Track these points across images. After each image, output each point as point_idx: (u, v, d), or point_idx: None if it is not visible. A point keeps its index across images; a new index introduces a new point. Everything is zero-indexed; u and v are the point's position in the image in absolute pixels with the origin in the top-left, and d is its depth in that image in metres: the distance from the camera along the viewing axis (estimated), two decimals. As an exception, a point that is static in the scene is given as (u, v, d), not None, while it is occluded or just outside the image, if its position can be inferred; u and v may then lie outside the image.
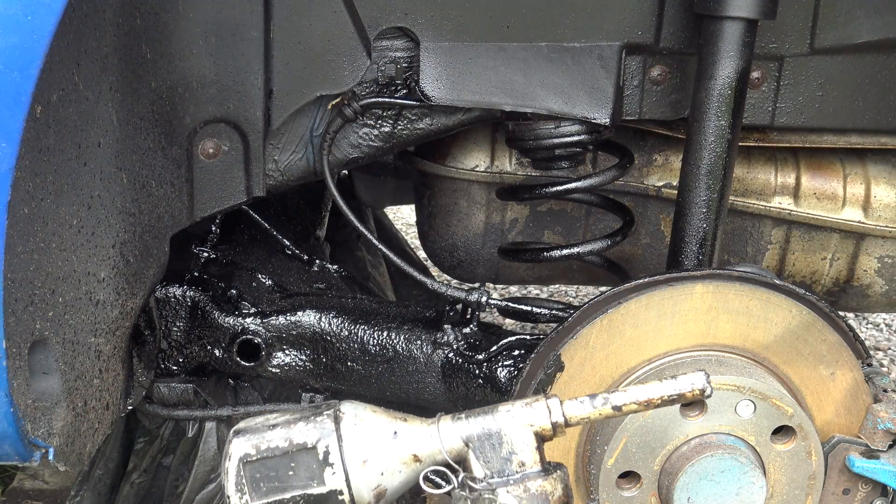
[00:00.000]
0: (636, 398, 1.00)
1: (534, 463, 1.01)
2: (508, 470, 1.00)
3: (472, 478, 1.00)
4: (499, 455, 1.01)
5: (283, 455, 1.03)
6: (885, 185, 1.67)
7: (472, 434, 1.02)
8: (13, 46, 0.98)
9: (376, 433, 1.04)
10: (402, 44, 1.45)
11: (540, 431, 1.01)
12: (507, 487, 0.99)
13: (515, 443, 1.01)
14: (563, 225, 1.75)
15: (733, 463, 1.24)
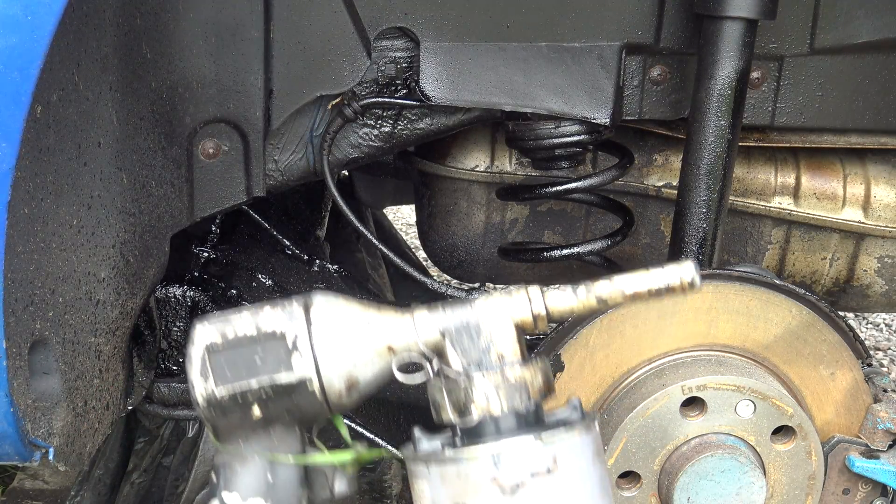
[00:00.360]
0: (622, 289, 0.96)
1: (513, 354, 0.95)
2: (486, 361, 0.95)
3: (446, 366, 0.96)
4: (477, 346, 0.95)
5: (250, 342, 0.96)
6: (885, 185, 1.67)
7: (449, 325, 0.96)
8: (13, 46, 0.98)
9: (349, 322, 0.97)
10: (402, 44, 1.45)
11: (520, 323, 0.96)
12: (483, 373, 0.94)
13: (494, 334, 0.95)
14: (563, 225, 1.75)
15: (733, 463, 1.24)
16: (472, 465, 0.92)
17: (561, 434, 0.92)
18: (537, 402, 0.96)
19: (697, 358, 1.30)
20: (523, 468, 0.91)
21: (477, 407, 0.93)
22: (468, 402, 0.94)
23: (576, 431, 0.93)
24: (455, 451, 0.94)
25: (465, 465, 0.92)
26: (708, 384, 1.25)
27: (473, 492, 0.91)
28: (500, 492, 0.91)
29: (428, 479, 0.95)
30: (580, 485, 0.93)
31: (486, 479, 0.91)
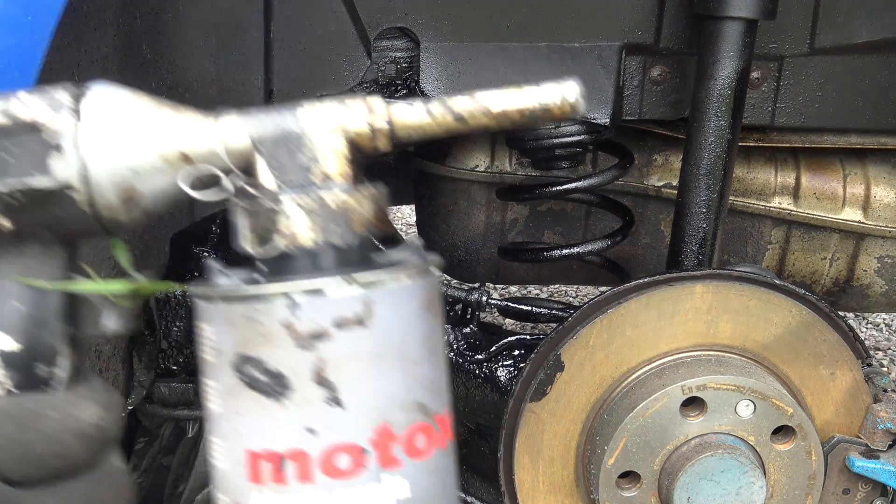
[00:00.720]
0: (487, 106, 0.77)
1: (341, 176, 0.76)
2: (305, 181, 0.76)
3: (254, 184, 0.77)
4: (296, 162, 0.76)
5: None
6: (885, 185, 1.67)
7: (264, 134, 0.79)
8: (13, 46, 0.98)
9: (132, 119, 0.79)
10: (402, 44, 1.45)
11: (354, 137, 0.77)
12: (294, 195, 0.75)
13: (319, 148, 0.76)
14: (563, 225, 1.75)
15: (733, 463, 1.24)
16: (262, 305, 0.73)
17: (381, 276, 0.73)
18: (362, 237, 0.76)
19: (697, 358, 1.30)
20: (326, 315, 0.72)
21: (281, 235, 0.75)
22: (271, 229, 0.75)
23: (402, 275, 0.74)
24: (245, 288, 0.75)
25: (254, 305, 0.73)
26: (708, 384, 1.25)
27: (261, 340, 0.72)
28: (294, 342, 0.72)
29: (212, 321, 0.76)
30: (400, 342, 0.74)
31: (277, 324, 0.72)
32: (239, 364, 0.73)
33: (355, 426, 0.72)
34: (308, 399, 0.72)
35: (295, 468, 0.73)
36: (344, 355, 0.72)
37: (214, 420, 0.77)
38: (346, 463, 0.72)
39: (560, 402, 1.31)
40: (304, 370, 0.71)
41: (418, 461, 0.75)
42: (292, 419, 0.72)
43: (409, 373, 0.75)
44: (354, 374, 0.72)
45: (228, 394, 0.74)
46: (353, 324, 0.72)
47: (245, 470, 0.74)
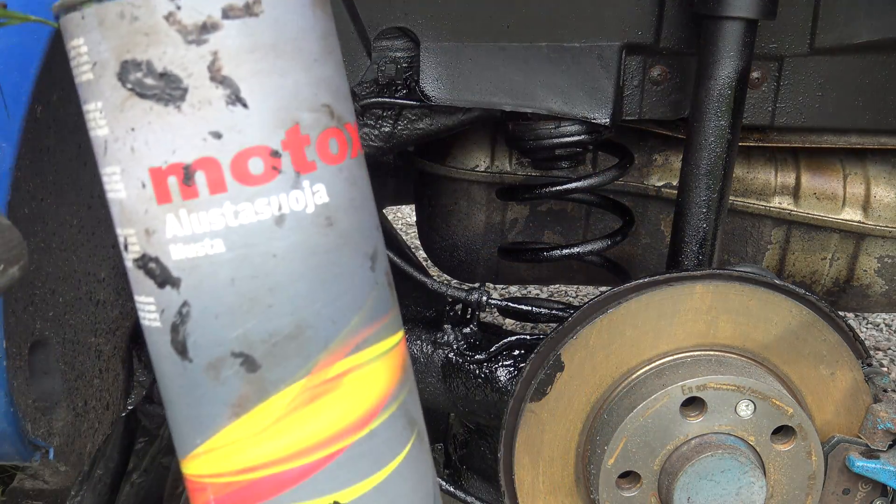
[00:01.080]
0: None
1: None
2: None
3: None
4: None
5: None
6: (885, 186, 1.67)
7: None
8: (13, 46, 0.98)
9: None
10: (402, 44, 1.45)
11: None
12: None
13: None
14: (563, 225, 1.75)
15: (733, 463, 1.24)
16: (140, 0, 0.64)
17: None
18: None
19: (697, 358, 1.30)
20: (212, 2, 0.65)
21: None
22: None
23: None
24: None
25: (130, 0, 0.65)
26: (708, 384, 1.25)
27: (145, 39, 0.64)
28: (182, 37, 0.64)
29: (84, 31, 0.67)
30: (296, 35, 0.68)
31: (160, 18, 0.64)
32: (123, 72, 0.66)
33: (264, 126, 0.67)
34: (208, 99, 0.66)
35: (205, 178, 0.67)
36: (239, 47, 0.65)
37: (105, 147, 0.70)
38: (259, 167, 0.68)
39: (560, 402, 1.31)
40: (197, 68, 0.65)
41: (333, 166, 0.72)
42: (194, 124, 0.66)
43: (311, 71, 0.69)
44: (254, 69, 0.66)
45: (117, 110, 0.67)
46: (242, 12, 0.65)
47: (151, 192, 0.68)
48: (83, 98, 0.72)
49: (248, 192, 0.68)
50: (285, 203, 0.69)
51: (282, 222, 0.69)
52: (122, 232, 0.74)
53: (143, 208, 0.70)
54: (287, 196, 0.69)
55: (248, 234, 0.69)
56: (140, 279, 0.74)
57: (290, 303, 0.71)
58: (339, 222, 0.72)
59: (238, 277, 0.69)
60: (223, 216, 0.68)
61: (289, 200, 0.70)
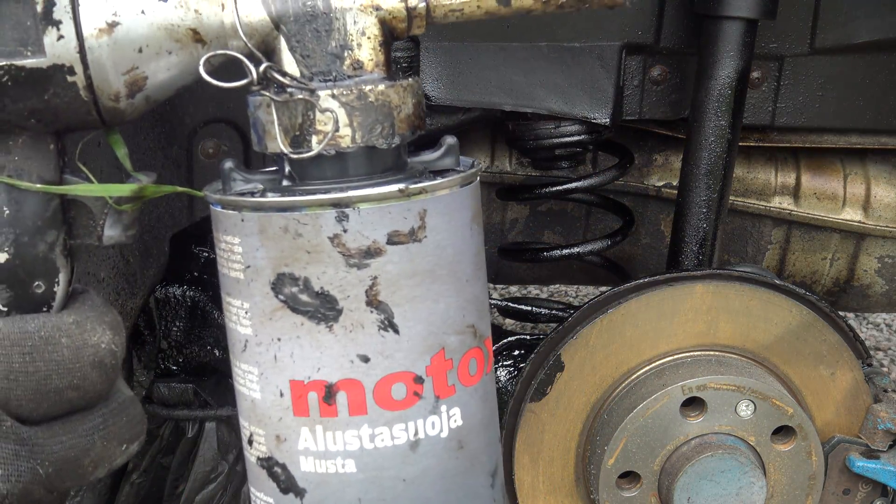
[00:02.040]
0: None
1: (375, 66, 0.67)
2: (337, 71, 0.65)
3: (281, 71, 0.65)
4: (325, 48, 0.65)
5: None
6: (886, 185, 1.67)
7: (286, 10, 0.65)
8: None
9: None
10: (402, 44, 1.45)
11: (388, 18, 0.67)
12: (332, 89, 0.64)
13: (351, 33, 0.65)
14: (563, 225, 1.75)
15: (733, 463, 1.24)
16: (306, 216, 0.64)
17: (435, 184, 0.65)
18: (403, 138, 0.67)
19: (698, 358, 1.30)
20: (379, 228, 0.64)
21: (318, 133, 0.64)
22: (306, 126, 0.65)
23: (456, 182, 0.67)
24: (284, 196, 0.65)
25: (297, 216, 0.64)
26: (708, 384, 1.25)
27: (306, 256, 0.64)
28: (344, 259, 0.64)
29: (240, 233, 0.67)
30: (453, 258, 0.67)
31: (325, 238, 0.64)
32: (278, 284, 0.65)
33: (412, 353, 0.66)
34: (360, 323, 0.65)
35: (346, 399, 0.66)
36: (399, 273, 0.64)
37: (245, 345, 0.69)
38: (402, 393, 0.67)
39: (560, 402, 1.30)
40: (355, 291, 0.64)
41: (470, 388, 0.71)
42: (343, 346, 0.65)
43: (462, 293, 0.69)
44: (410, 296, 0.65)
45: (265, 317, 0.66)
46: (407, 238, 0.64)
47: (289, 402, 0.67)
48: (226, 289, 0.70)
49: (387, 417, 0.67)
50: (421, 429, 0.68)
51: (416, 447, 0.68)
52: (248, 427, 0.72)
53: (278, 416, 0.68)
54: (424, 422, 0.68)
55: (381, 458, 0.67)
56: (262, 477, 0.72)
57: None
58: (469, 444, 0.71)
59: (365, 499, 0.68)
60: (359, 438, 0.67)
61: (425, 426, 0.69)
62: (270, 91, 0.66)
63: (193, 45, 0.65)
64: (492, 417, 0.75)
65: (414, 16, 0.68)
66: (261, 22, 0.65)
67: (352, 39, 0.65)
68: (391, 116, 0.65)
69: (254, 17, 0.64)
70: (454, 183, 0.66)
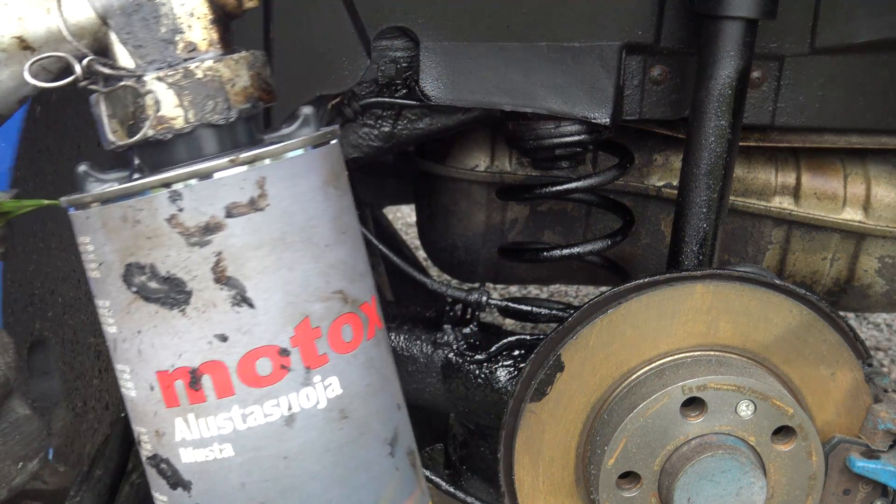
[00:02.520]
0: None
1: (210, 45, 0.66)
2: (172, 56, 0.64)
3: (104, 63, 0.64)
4: (155, 35, 0.63)
5: None
6: (886, 185, 1.66)
7: (111, 5, 0.64)
8: (12, 46, 0.98)
9: None
10: (402, 44, 1.45)
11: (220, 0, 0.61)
12: (158, 72, 0.63)
13: (180, 16, 0.64)
14: (563, 225, 1.75)
15: (733, 463, 1.24)
16: (140, 202, 0.63)
17: (270, 150, 0.65)
18: (243, 111, 0.67)
19: (698, 358, 1.30)
20: (215, 202, 0.63)
21: (150, 118, 0.64)
22: (138, 113, 0.64)
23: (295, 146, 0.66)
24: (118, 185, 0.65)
25: (131, 203, 0.63)
26: (708, 384, 1.25)
27: (147, 243, 0.63)
28: (184, 239, 0.63)
29: (90, 230, 0.66)
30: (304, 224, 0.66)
31: (161, 221, 0.63)
32: (128, 275, 0.65)
33: (271, 325, 0.65)
34: (212, 302, 0.64)
35: (212, 382, 0.66)
36: (244, 245, 0.64)
37: (115, 345, 0.68)
38: (267, 368, 0.66)
39: (560, 402, 1.30)
40: (201, 270, 0.63)
41: (347, 355, 0.69)
42: (199, 328, 0.65)
43: (321, 258, 0.67)
44: (260, 267, 0.64)
45: (124, 311, 0.66)
46: (247, 208, 0.63)
47: (159, 394, 0.67)
48: (94, 293, 0.69)
49: (256, 395, 0.66)
50: (295, 402, 0.67)
51: (292, 422, 0.67)
52: (135, 428, 0.71)
53: (153, 410, 0.68)
54: (297, 395, 0.67)
55: (257, 438, 0.66)
56: (154, 477, 0.71)
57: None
58: (354, 412, 0.70)
59: (248, 482, 0.67)
60: (231, 420, 0.66)
61: (299, 399, 0.67)
62: (100, 85, 0.65)
63: (22, 53, 0.63)
64: (383, 383, 0.73)
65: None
66: (89, 20, 0.63)
67: (182, 22, 0.64)
68: (223, 91, 0.64)
69: (81, 17, 0.63)
70: (293, 147, 0.64)
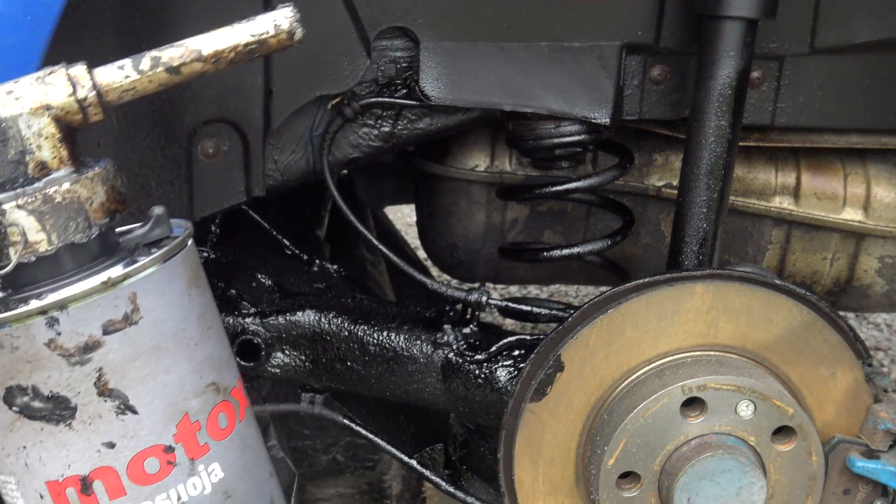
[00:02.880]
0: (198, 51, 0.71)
1: (60, 163, 0.67)
2: (23, 176, 0.65)
3: None
4: (5, 157, 0.65)
5: None
6: (886, 185, 1.66)
7: None
8: (13, 46, 0.98)
9: None
10: (402, 44, 1.45)
11: (64, 116, 0.68)
12: (17, 199, 0.64)
13: (28, 137, 0.66)
14: (563, 225, 1.75)
15: (734, 463, 1.24)
16: (17, 330, 0.65)
17: (140, 265, 0.67)
18: (103, 226, 0.69)
19: (698, 358, 1.30)
20: (92, 322, 0.65)
21: (13, 244, 0.65)
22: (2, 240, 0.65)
23: (160, 258, 0.68)
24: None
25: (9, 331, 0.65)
26: (708, 384, 1.25)
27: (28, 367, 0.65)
28: (66, 360, 0.65)
29: None
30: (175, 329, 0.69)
31: (40, 345, 0.65)
32: (8, 397, 0.67)
33: (155, 427, 0.69)
34: (98, 414, 0.67)
35: (103, 486, 0.68)
36: (122, 359, 0.66)
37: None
38: (155, 466, 0.69)
39: (560, 402, 1.30)
40: (84, 386, 0.66)
41: (225, 440, 0.73)
42: (86, 439, 0.67)
43: (193, 357, 0.70)
44: (140, 376, 0.67)
45: (7, 429, 0.68)
46: (123, 324, 0.66)
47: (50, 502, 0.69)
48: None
49: (147, 491, 0.68)
50: (183, 492, 0.70)
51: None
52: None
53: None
54: (185, 485, 0.70)
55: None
56: None
57: None
58: (236, 491, 0.73)
59: None
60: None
61: (186, 489, 0.70)
62: None
63: None
64: (256, 458, 0.76)
65: (87, 106, 0.68)
66: None
67: (31, 143, 0.66)
68: (83, 210, 0.66)
69: None
70: (159, 259, 0.67)
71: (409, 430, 1.78)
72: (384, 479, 2.14)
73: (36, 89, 0.68)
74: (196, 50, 0.70)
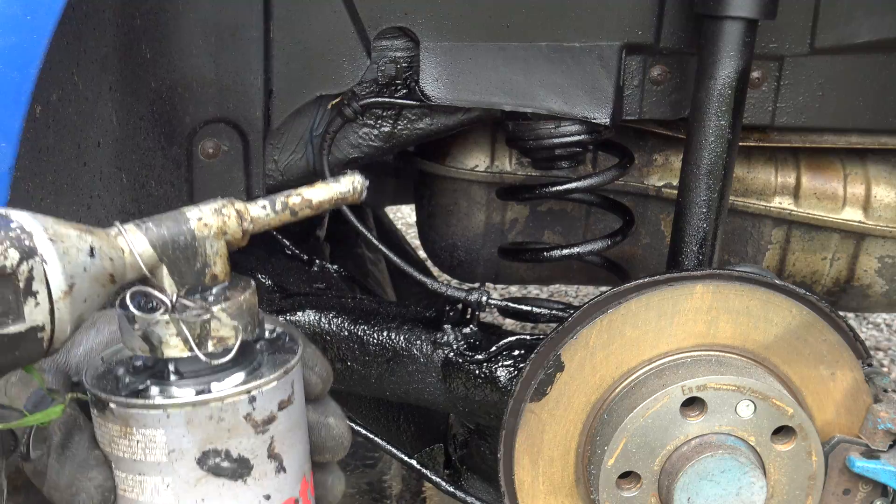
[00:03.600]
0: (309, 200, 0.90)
1: (225, 276, 0.86)
2: (202, 284, 0.84)
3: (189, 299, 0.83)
4: (192, 268, 0.84)
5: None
6: (886, 185, 1.66)
7: (165, 244, 0.82)
8: (13, 46, 0.98)
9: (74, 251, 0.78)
10: (402, 44, 1.45)
11: (231, 240, 0.86)
12: (222, 305, 0.83)
13: (209, 254, 0.84)
14: (563, 225, 1.75)
15: (733, 463, 1.24)
16: (228, 404, 0.83)
17: (294, 359, 0.88)
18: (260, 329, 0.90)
19: (698, 358, 1.30)
20: (273, 401, 0.86)
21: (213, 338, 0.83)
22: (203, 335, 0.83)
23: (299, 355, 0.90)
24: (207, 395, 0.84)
25: (220, 405, 0.83)
26: (708, 384, 1.25)
27: (227, 433, 0.84)
28: (253, 429, 0.85)
29: (165, 426, 0.83)
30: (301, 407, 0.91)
31: (240, 418, 0.84)
32: (204, 458, 0.84)
33: (294, 483, 0.88)
34: (265, 472, 0.86)
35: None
36: (284, 430, 0.87)
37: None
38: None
39: (560, 402, 1.30)
40: (261, 450, 0.86)
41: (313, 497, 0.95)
42: (253, 492, 0.86)
43: (305, 432, 0.91)
44: (291, 443, 0.88)
45: (191, 486, 0.85)
46: (287, 402, 0.87)
47: None
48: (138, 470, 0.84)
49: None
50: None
51: None
52: None
53: None
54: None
55: None
56: None
57: None
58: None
59: None
60: None
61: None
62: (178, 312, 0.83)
63: (111, 285, 0.80)
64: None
65: (245, 236, 0.87)
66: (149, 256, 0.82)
67: (210, 259, 0.85)
68: (256, 315, 0.87)
69: (145, 254, 0.81)
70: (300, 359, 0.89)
71: (409, 430, 1.78)
72: (384, 479, 2.14)
73: (217, 218, 0.85)
74: (309, 200, 0.89)
